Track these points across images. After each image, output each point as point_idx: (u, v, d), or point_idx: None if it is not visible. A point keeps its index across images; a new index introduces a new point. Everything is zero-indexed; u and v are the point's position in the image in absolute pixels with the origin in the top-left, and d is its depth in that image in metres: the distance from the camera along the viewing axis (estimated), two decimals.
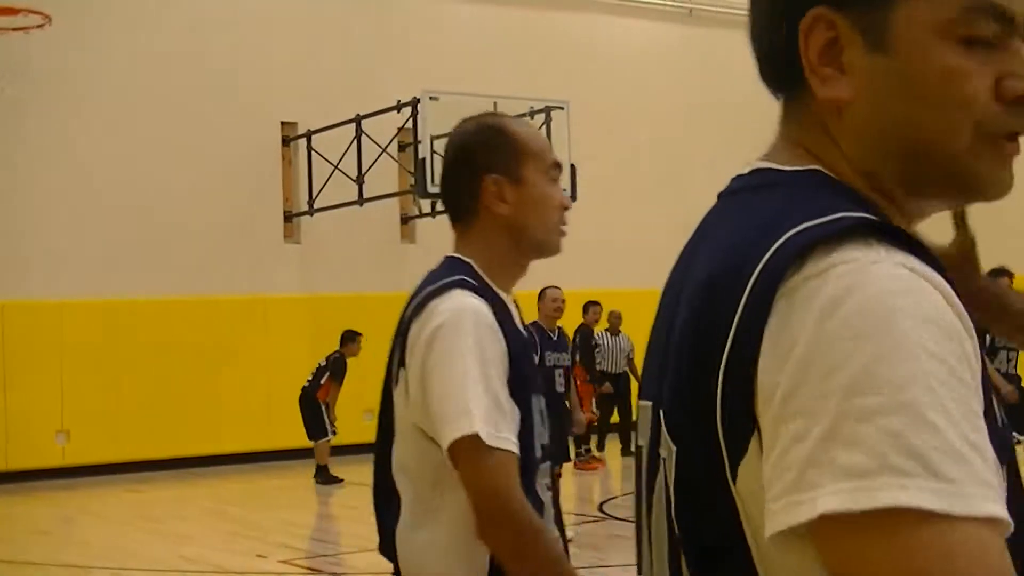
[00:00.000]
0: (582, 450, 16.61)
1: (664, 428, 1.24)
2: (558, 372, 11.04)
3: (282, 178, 19.78)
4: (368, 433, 13.96)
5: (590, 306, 17.90)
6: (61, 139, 18.03)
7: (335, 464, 16.70)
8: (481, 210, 3.02)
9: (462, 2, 21.14)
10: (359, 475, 16.74)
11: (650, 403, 1.32)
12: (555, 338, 11.39)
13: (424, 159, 16.80)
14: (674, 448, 1.22)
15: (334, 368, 16.67)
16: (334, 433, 16.69)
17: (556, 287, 11.89)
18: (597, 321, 17.97)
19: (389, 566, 2.90)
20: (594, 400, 17.02)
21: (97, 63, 18.27)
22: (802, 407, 1.07)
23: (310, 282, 19.52)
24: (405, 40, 20.36)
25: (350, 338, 16.87)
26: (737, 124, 24.07)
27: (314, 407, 16.62)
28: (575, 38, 22.08)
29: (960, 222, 2.34)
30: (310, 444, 17.00)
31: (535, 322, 11.32)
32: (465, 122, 3.15)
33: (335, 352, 16.86)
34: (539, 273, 15.12)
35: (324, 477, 16.43)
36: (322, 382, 16.63)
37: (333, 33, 19.97)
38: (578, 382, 16.46)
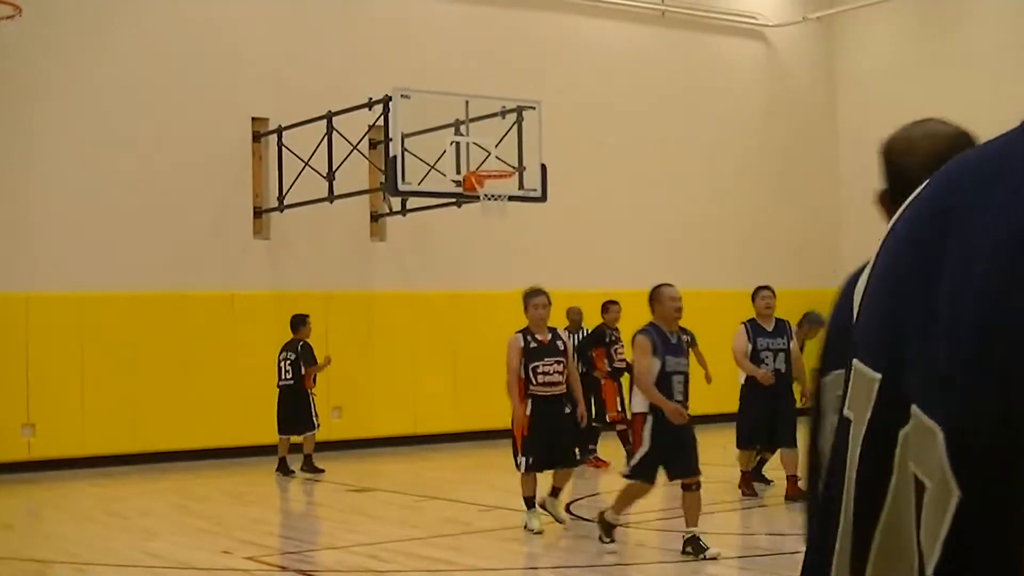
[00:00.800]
0: (590, 448, 16.44)
1: (947, 459, 0.91)
2: (677, 379, 10.20)
3: (252, 174, 19.73)
4: (336, 431, 14.09)
5: (609, 305, 17.32)
6: (29, 133, 17.94)
7: (297, 461, 16.70)
8: None
9: (435, 1, 21.13)
10: (327, 473, 16.72)
11: (878, 376, 1.02)
12: (674, 341, 10.33)
13: (395, 157, 16.77)
14: (958, 493, 0.90)
15: (306, 356, 16.84)
16: (317, 426, 16.92)
17: (670, 284, 10.58)
18: (617, 320, 17.25)
19: (353, 563, 2.87)
20: (619, 399, 16.72)
21: (66, 57, 18.18)
22: None
23: (279, 278, 19.48)
24: (377, 38, 20.35)
25: (301, 322, 17.08)
26: (708, 125, 24.19)
27: (303, 400, 16.80)
28: (547, 38, 22.11)
29: None
30: (276, 441, 16.98)
31: (653, 323, 10.36)
32: (940, 124, 2.78)
33: (296, 342, 16.97)
34: (512, 272, 15.09)
35: (309, 467, 16.68)
36: (303, 373, 16.75)
37: (305, 30, 19.94)
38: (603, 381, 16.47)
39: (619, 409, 16.31)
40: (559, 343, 11.58)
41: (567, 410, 11.56)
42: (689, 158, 23.48)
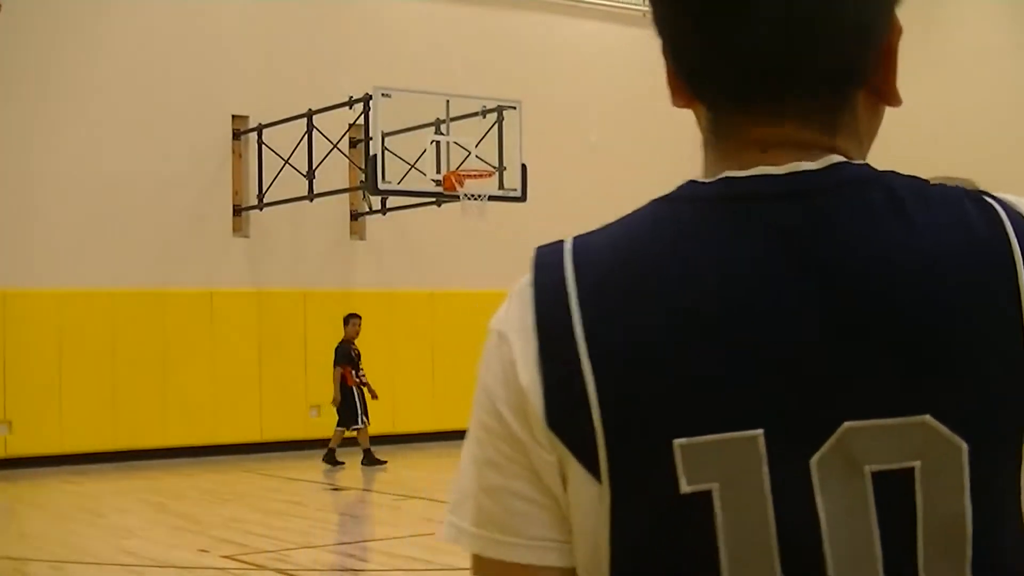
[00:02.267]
0: None
1: (943, 429, 1.11)
2: None
3: (232, 172, 19.68)
4: (314, 429, 14.11)
5: None
6: (6, 131, 17.86)
7: (282, 460, 16.65)
8: None
9: (416, 0, 21.13)
10: (304, 472, 16.70)
11: (760, 431, 1.13)
12: None
13: (375, 156, 16.75)
14: (965, 445, 1.12)
15: (337, 356, 17.21)
16: (365, 423, 17.27)
17: None
18: None
19: (331, 562, 2.84)
20: None
21: (46, 55, 18.11)
22: None
23: (258, 276, 19.44)
24: (358, 36, 20.32)
25: (345, 321, 17.46)
26: (689, 126, 24.16)
27: (348, 396, 17.18)
28: (528, 38, 22.11)
29: None
30: (254, 439, 17.01)
31: None
32: None
33: (340, 342, 17.38)
34: (491, 272, 15.17)
35: (330, 457, 17.15)
36: (342, 372, 17.17)
37: (286, 27, 19.90)
38: None
39: None
40: None
41: None
42: (669, 158, 23.47)
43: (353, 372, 17.24)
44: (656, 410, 1.14)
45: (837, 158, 1.21)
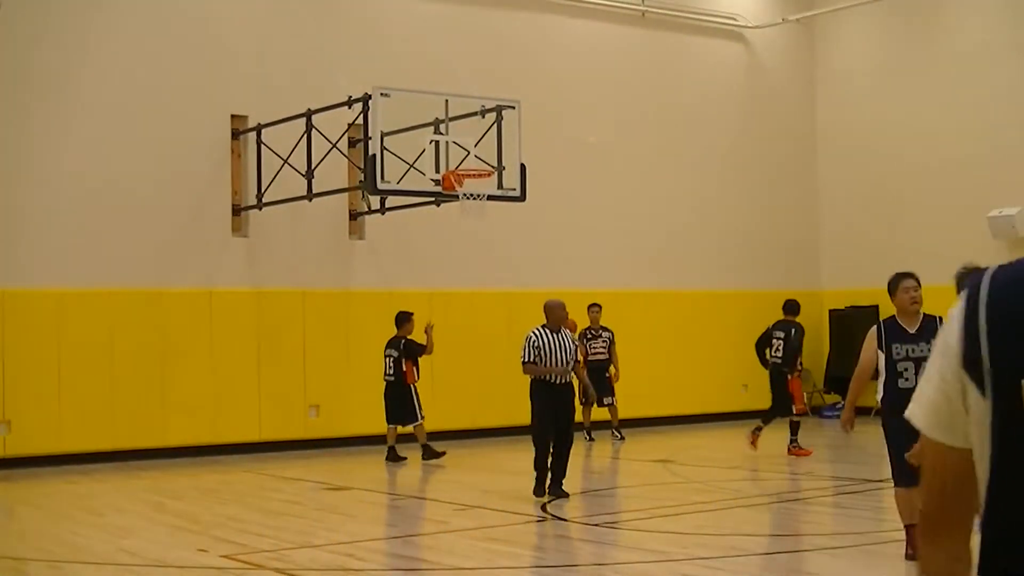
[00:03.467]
0: (795, 438, 17.55)
1: None
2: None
3: (231, 171, 19.67)
4: (313, 429, 14.11)
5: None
6: (5, 130, 17.85)
7: (282, 460, 16.62)
8: None
9: (416, 0, 21.13)
10: (303, 472, 16.70)
11: None
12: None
13: (374, 155, 16.74)
14: None
15: (408, 351, 17.45)
16: (422, 418, 17.55)
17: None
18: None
19: (330, 562, 2.83)
20: (805, 393, 17.78)
21: (46, 54, 18.10)
22: None
23: (257, 276, 19.44)
24: (357, 36, 20.33)
25: (406, 319, 17.72)
26: (687, 125, 24.23)
27: (405, 393, 17.42)
28: (527, 37, 22.12)
29: None
30: (253, 439, 16.95)
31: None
32: None
33: (399, 339, 17.58)
34: (490, 271, 15.10)
35: (428, 453, 17.42)
36: (404, 369, 17.36)
37: (285, 27, 19.91)
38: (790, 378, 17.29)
39: (804, 402, 17.62)
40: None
41: None
42: (668, 158, 23.52)
43: (415, 370, 17.63)
44: (1017, 364, 2.13)
45: None
